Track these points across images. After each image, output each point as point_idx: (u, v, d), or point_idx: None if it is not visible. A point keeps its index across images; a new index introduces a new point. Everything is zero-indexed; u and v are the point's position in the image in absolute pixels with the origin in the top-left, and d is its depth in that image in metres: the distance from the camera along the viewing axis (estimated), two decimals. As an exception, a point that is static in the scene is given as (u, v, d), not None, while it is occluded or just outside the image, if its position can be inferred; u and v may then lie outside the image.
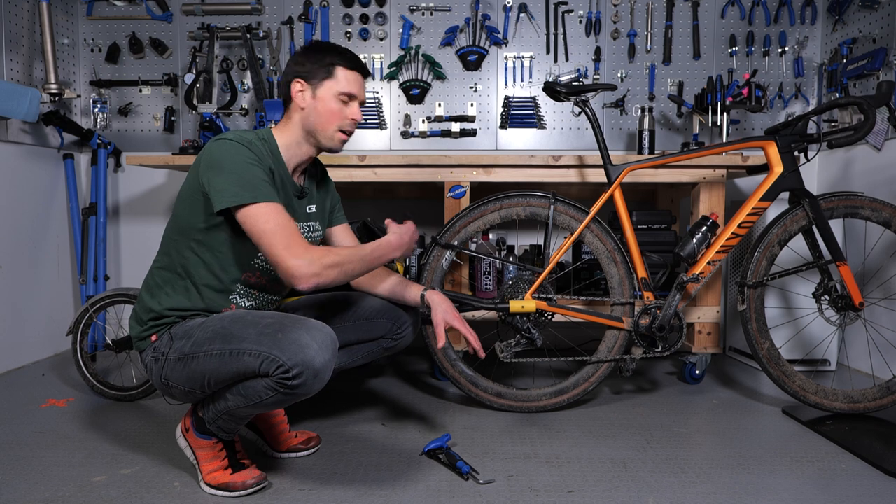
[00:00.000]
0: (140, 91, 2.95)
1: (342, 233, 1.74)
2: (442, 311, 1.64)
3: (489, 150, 2.93)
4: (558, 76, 2.90)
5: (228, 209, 1.36)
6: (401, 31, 2.89)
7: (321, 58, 1.50)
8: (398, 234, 1.59)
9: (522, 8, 2.88)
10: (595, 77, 2.90)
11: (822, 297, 1.99)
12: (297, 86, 1.50)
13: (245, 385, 1.34)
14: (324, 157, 2.08)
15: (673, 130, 2.90)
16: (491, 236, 2.60)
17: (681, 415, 2.01)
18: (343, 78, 1.51)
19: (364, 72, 1.56)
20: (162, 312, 1.46)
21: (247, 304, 1.54)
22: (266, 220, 1.34)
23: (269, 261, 1.35)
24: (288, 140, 1.52)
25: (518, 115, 2.91)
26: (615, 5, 2.88)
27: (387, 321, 1.70)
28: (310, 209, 1.62)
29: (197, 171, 1.41)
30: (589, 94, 2.02)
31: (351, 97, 1.53)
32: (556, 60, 2.91)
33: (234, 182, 1.35)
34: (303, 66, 1.50)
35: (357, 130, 2.94)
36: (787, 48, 2.85)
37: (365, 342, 1.70)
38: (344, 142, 1.56)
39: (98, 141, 2.81)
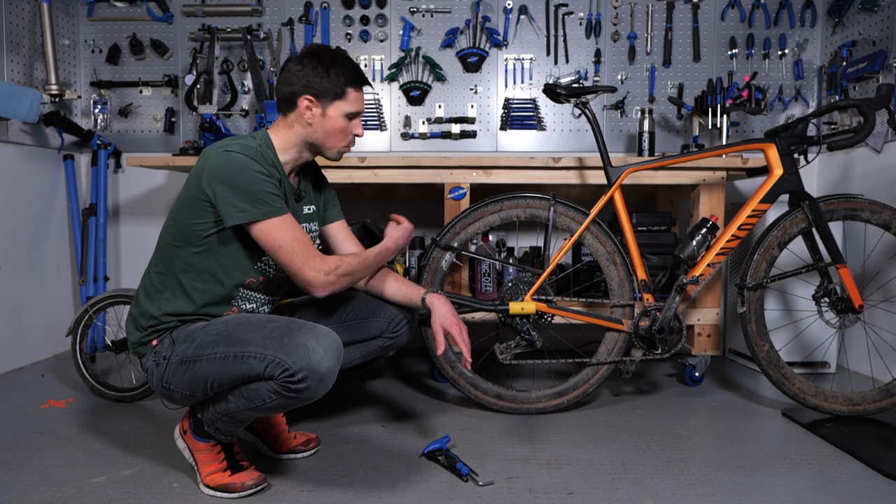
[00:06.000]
0: (140, 92, 2.96)
1: (339, 230, 1.74)
2: (441, 316, 1.62)
3: (489, 152, 2.93)
4: (558, 78, 2.90)
5: (240, 224, 1.39)
6: (401, 32, 2.89)
7: (333, 77, 1.49)
8: (395, 239, 1.69)
9: (523, 10, 2.88)
10: (595, 79, 2.90)
11: (822, 300, 1.99)
12: (305, 101, 1.49)
13: (248, 387, 1.34)
14: (322, 159, 2.08)
15: (673, 132, 2.90)
16: (491, 238, 2.59)
17: (680, 417, 2.01)
18: (354, 98, 1.53)
19: (367, 84, 1.58)
20: (161, 319, 1.46)
21: (247, 306, 1.54)
22: (282, 236, 1.40)
23: (289, 273, 1.42)
24: (286, 145, 1.53)
25: (518, 116, 2.92)
26: (615, 7, 2.88)
27: (382, 320, 1.70)
28: (307, 210, 1.63)
29: (199, 179, 1.41)
30: (589, 96, 2.02)
31: (357, 114, 1.55)
32: (556, 62, 2.91)
33: (244, 198, 1.38)
34: (313, 81, 1.48)
35: (357, 132, 2.94)
36: (786, 50, 2.85)
37: (361, 342, 1.70)
38: (344, 154, 1.62)
39: (98, 142, 2.81)
